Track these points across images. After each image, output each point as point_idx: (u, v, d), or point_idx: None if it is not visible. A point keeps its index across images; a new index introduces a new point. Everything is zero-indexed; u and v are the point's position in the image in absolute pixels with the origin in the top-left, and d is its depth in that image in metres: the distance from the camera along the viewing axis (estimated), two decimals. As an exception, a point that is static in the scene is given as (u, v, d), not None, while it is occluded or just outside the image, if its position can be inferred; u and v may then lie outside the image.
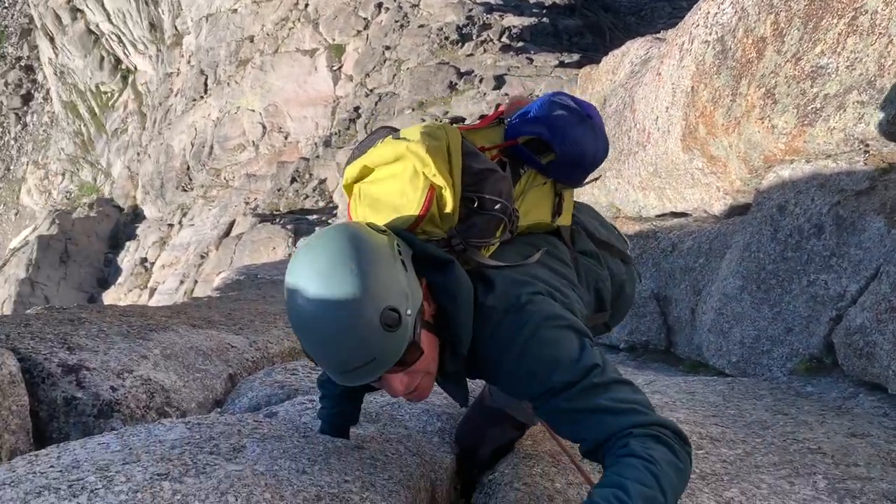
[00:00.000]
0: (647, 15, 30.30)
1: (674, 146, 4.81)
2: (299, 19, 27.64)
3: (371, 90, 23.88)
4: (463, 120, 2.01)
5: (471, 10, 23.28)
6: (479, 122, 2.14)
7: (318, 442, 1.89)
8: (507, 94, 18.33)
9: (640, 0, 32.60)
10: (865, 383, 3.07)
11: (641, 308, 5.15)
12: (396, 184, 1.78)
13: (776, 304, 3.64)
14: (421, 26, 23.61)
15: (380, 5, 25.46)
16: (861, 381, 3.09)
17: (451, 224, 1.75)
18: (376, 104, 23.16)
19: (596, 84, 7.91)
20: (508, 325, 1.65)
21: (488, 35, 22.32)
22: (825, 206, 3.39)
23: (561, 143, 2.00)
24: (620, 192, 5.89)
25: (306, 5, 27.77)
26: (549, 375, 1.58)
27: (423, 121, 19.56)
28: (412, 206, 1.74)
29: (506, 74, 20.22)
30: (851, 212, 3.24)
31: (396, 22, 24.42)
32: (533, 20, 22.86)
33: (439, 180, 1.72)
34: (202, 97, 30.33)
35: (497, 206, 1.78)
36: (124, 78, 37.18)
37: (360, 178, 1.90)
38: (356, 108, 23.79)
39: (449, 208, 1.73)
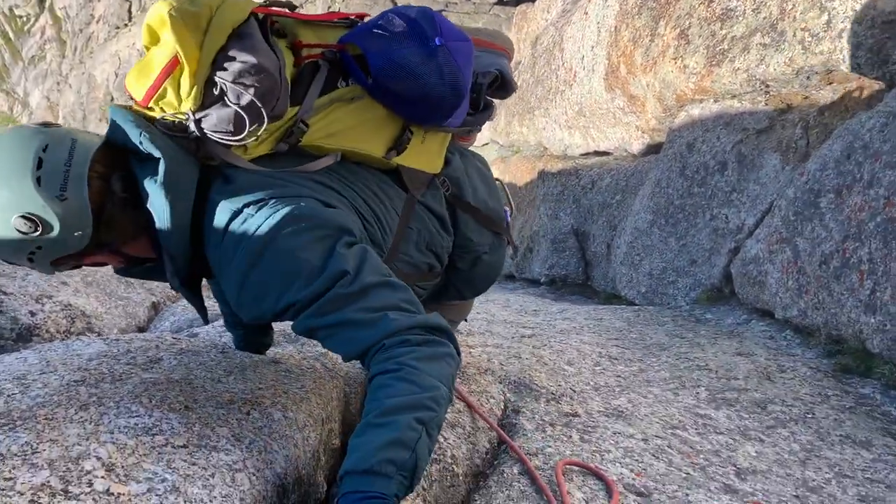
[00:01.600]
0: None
1: (598, 85, 4.93)
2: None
3: (305, 23, 23.25)
4: (294, 8, 1.75)
5: (408, -57, 22.73)
6: (324, 14, 1.84)
7: (235, 356, 1.97)
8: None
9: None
10: (757, 310, 3.32)
11: (561, 244, 5.34)
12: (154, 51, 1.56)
13: (682, 237, 3.86)
14: (356, -43, 22.97)
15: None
16: (754, 308, 3.34)
17: (191, 106, 1.52)
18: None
19: (531, 23, 7.94)
20: (239, 227, 1.48)
21: (426, -31, 21.88)
22: (729, 143, 3.59)
23: (378, 59, 1.71)
24: (548, 131, 6.02)
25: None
26: (286, 290, 1.45)
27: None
28: (151, 75, 1.53)
29: (443, 10, 19.96)
30: (752, 149, 3.44)
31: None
32: (471, -45, 22.44)
33: (179, 50, 1.48)
34: (126, 25, 28.90)
35: (243, 101, 1.52)
36: (41, 1, 35.04)
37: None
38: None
39: (185, 87, 1.50)
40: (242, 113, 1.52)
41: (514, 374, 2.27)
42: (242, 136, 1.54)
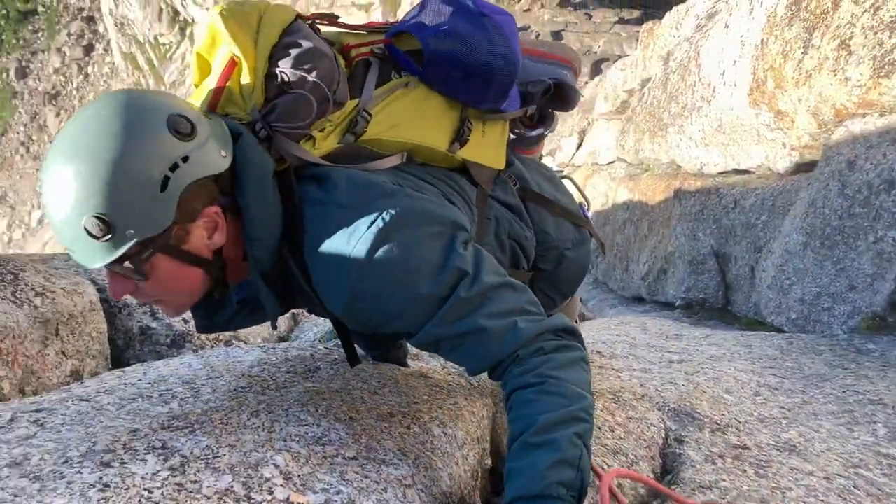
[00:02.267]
0: (713, -30, 29.28)
1: (740, 101, 4.70)
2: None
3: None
4: (337, 18, 1.73)
5: (529, -36, 22.80)
6: (364, 24, 1.79)
7: (386, 368, 1.97)
8: (563, 51, 17.89)
9: (706, -45, 31.50)
10: (930, 342, 3.03)
11: (700, 265, 5.11)
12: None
13: (840, 260, 3.58)
14: (478, -20, 23.24)
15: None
16: (926, 340, 3.05)
17: (255, 104, 1.46)
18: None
19: (658, 39, 7.73)
20: (346, 226, 1.35)
21: (546, -10, 21.87)
22: (897, 161, 3.30)
23: (427, 34, 1.66)
24: (682, 149, 5.80)
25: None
26: (405, 293, 1.33)
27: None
28: (211, 80, 1.50)
29: (563, 30, 19.84)
30: (925, 167, 3.16)
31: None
32: (593, -26, 22.25)
33: (235, 48, 1.45)
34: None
35: (307, 85, 1.46)
36: (182, 30, 37.61)
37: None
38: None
39: (247, 84, 1.46)
40: (309, 95, 1.46)
41: (673, 402, 2.15)
42: (311, 120, 1.47)
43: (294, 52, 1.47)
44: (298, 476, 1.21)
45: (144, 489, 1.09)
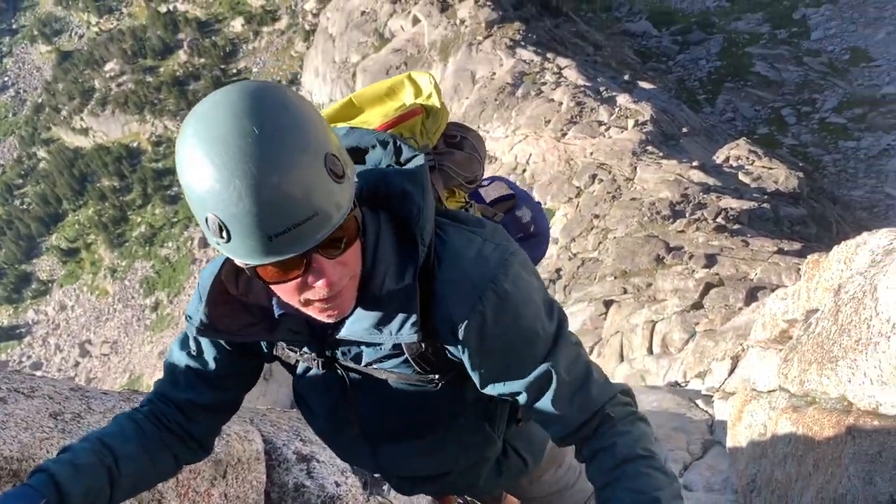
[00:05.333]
0: (881, 212, 28.59)
1: (923, 340, 4.42)
2: (516, 182, 29.24)
3: (575, 254, 24.35)
4: None
5: (687, 189, 23.39)
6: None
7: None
8: (717, 274, 17.80)
9: (875, 196, 30.93)
10: None
11: (877, 516, 4.58)
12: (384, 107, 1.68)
13: None
14: (633, 199, 24.04)
15: (594, 176, 26.38)
16: None
17: (429, 143, 1.63)
18: (578, 268, 23.47)
19: (825, 272, 7.52)
20: (493, 246, 1.39)
21: (702, 214, 22.17)
22: None
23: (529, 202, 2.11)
24: (855, 385, 5.42)
25: (524, 171, 29.45)
26: (535, 322, 1.37)
27: (625, 290, 19.43)
28: (392, 109, 1.62)
29: (718, 254, 19.76)
30: None
31: (608, 193, 25.08)
32: (752, 204, 22.43)
33: (434, 101, 1.63)
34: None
35: (478, 153, 1.74)
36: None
37: (338, 119, 1.65)
38: (558, 270, 24.26)
39: (432, 128, 1.62)
40: (480, 160, 1.73)
41: None
42: (469, 177, 1.70)
43: (467, 132, 1.75)
44: None
45: None
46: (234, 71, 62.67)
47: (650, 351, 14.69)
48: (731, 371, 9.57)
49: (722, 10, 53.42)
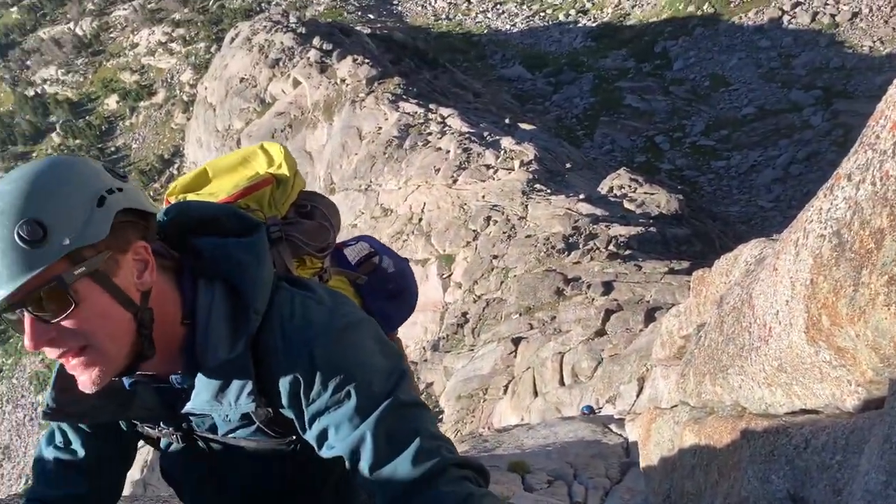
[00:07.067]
0: (758, 224, 30.46)
1: (797, 339, 4.73)
2: (413, 232, 29.54)
3: (479, 296, 24.66)
4: None
5: (577, 221, 24.25)
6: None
7: None
8: (615, 300, 18.43)
9: (750, 210, 32.97)
10: None
11: (777, 511, 4.81)
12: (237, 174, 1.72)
13: (931, 502, 3.37)
14: (528, 236, 24.70)
15: (488, 219, 26.98)
16: None
17: (277, 213, 1.66)
18: (483, 309, 23.78)
19: (710, 286, 7.95)
20: (325, 310, 1.40)
21: (595, 244, 23.00)
22: (971, 394, 3.24)
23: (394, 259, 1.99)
24: (745, 390, 5.72)
25: (420, 220, 29.77)
26: (362, 385, 1.33)
27: (531, 326, 19.82)
28: (244, 179, 1.66)
29: (614, 281, 20.52)
30: None
31: (504, 233, 25.68)
32: (640, 229, 23.48)
33: (284, 171, 1.69)
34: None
35: (326, 224, 1.74)
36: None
37: (192, 189, 1.72)
38: (464, 314, 24.48)
39: (281, 199, 1.67)
40: (331, 229, 1.74)
41: None
42: (318, 247, 1.69)
43: (319, 201, 1.79)
44: None
45: None
46: (113, 149, 60.69)
47: (562, 382, 14.94)
48: (639, 392, 9.86)
49: (588, 49, 56.44)
